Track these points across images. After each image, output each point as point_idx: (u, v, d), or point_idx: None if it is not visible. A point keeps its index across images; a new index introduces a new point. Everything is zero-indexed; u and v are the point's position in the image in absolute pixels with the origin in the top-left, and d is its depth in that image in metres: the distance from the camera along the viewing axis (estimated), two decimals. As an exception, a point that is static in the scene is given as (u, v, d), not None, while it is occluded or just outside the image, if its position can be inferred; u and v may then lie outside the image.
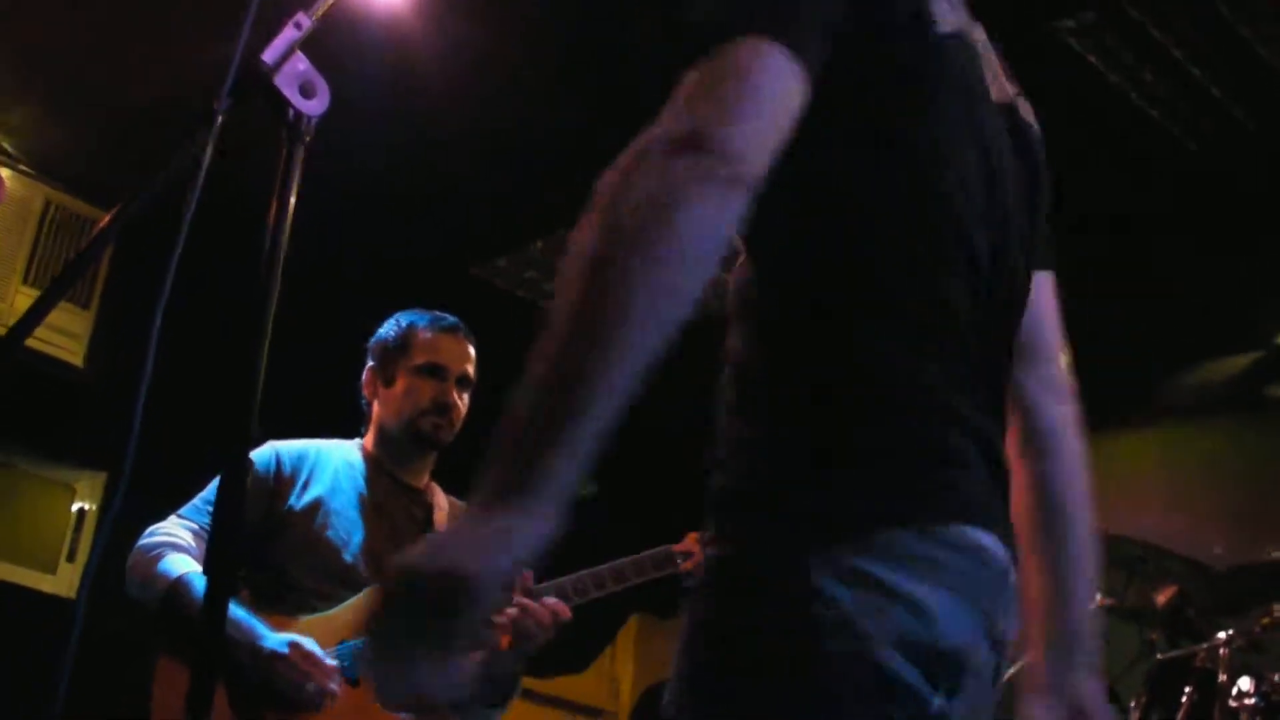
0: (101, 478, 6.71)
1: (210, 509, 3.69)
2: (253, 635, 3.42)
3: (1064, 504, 1.90)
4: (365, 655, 1.82)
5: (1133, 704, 4.77)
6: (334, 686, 3.45)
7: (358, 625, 3.57)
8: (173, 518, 3.70)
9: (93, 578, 1.71)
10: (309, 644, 3.46)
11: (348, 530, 3.68)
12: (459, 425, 3.80)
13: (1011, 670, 1.78)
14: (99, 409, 5.94)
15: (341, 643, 3.56)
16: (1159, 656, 4.82)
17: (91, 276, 6.32)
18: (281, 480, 3.73)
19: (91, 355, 6.32)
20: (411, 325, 3.85)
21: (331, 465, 3.80)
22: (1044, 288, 1.97)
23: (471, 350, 3.85)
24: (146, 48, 5.27)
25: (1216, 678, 4.44)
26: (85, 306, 6.32)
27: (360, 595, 3.62)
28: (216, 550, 1.77)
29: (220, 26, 2.22)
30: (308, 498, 3.71)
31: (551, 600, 3.58)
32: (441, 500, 3.87)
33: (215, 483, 3.65)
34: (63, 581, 6.45)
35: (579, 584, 3.68)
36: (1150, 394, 6.65)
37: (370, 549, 3.67)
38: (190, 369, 4.39)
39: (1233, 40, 4.78)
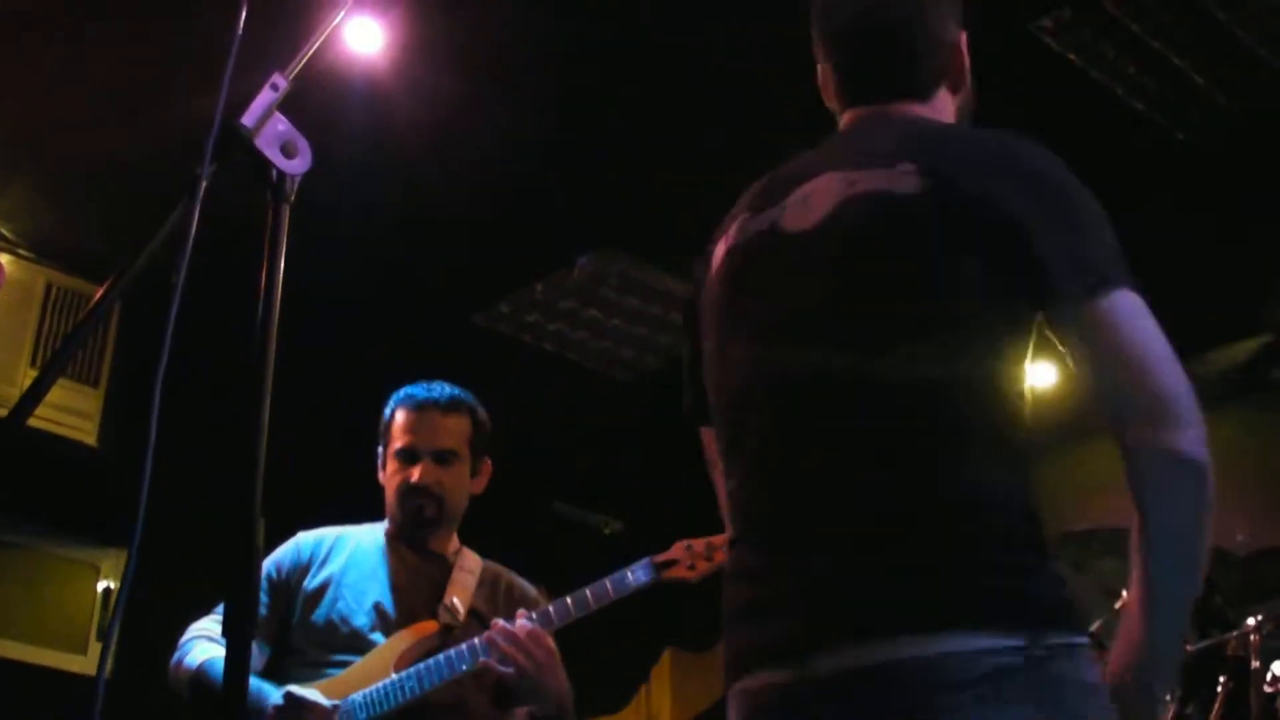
0: (125, 555, 6.71)
1: None
2: (260, 699, 3.52)
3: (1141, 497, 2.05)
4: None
5: (1168, 697, 4.75)
6: None
7: (365, 679, 3.63)
8: (207, 617, 3.84)
9: (114, 654, 1.72)
10: (306, 692, 3.54)
11: (358, 600, 3.77)
12: (454, 497, 3.86)
13: None
14: (116, 486, 5.95)
15: (346, 698, 3.61)
16: (1189, 648, 4.79)
17: (98, 354, 6.35)
18: (296, 569, 3.86)
19: (104, 433, 6.33)
20: (394, 407, 3.92)
21: (350, 546, 3.91)
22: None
23: (457, 421, 3.88)
24: (132, 121, 5.29)
25: (1249, 664, 4.42)
26: (94, 385, 6.33)
27: (367, 655, 3.68)
28: (232, 632, 1.79)
29: (205, 92, 2.23)
30: (321, 578, 3.83)
31: (527, 625, 3.57)
32: (469, 563, 3.91)
33: (265, 575, 3.83)
34: (93, 661, 6.47)
35: (560, 608, 3.67)
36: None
37: (380, 611, 3.74)
38: (204, 439, 4.41)
39: (1210, 25, 4.80)
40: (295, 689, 3.54)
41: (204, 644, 3.72)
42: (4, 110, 5.36)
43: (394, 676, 3.60)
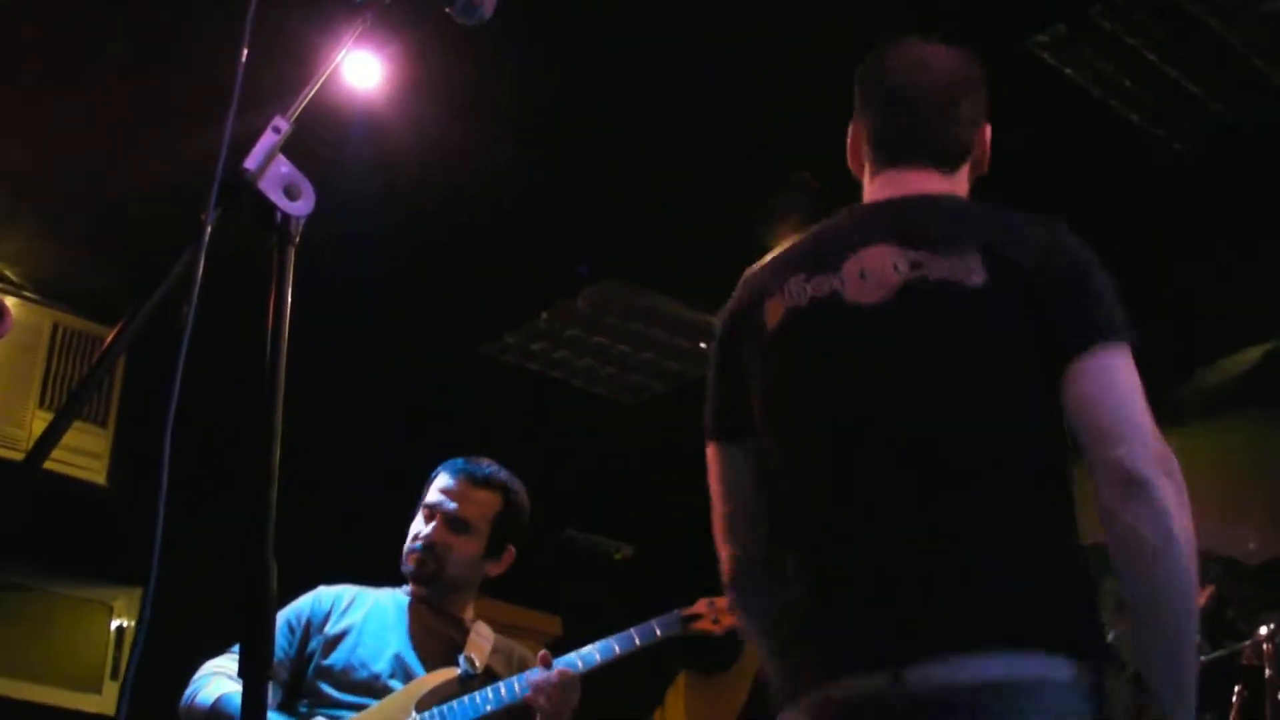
0: (138, 593, 6.73)
1: None
2: None
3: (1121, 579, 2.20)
4: None
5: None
6: None
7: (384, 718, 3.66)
8: (222, 657, 3.89)
9: (132, 694, 1.73)
10: None
11: (378, 648, 3.81)
12: (453, 563, 3.88)
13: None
14: (127, 525, 5.96)
15: None
16: (1203, 659, 4.79)
17: (106, 394, 6.36)
18: (317, 617, 3.91)
19: (113, 472, 6.35)
20: (440, 468, 3.99)
21: (369, 603, 3.95)
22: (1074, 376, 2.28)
23: (482, 494, 3.92)
24: (135, 162, 5.32)
25: (1263, 674, 4.42)
26: (103, 425, 6.35)
27: (386, 699, 3.71)
28: (248, 671, 1.80)
29: (206, 132, 2.25)
30: (341, 625, 3.87)
31: (556, 672, 3.65)
32: (485, 632, 3.95)
33: (285, 621, 3.87)
34: (108, 700, 6.48)
35: (586, 655, 3.74)
36: (1165, 398, 6.64)
37: (399, 657, 3.79)
38: (220, 476, 4.43)
39: (1204, 36, 4.80)
40: None
41: (218, 680, 3.74)
42: (8, 153, 5.39)
43: (415, 716, 3.63)
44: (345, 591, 3.98)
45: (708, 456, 2.56)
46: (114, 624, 6.69)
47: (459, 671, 3.76)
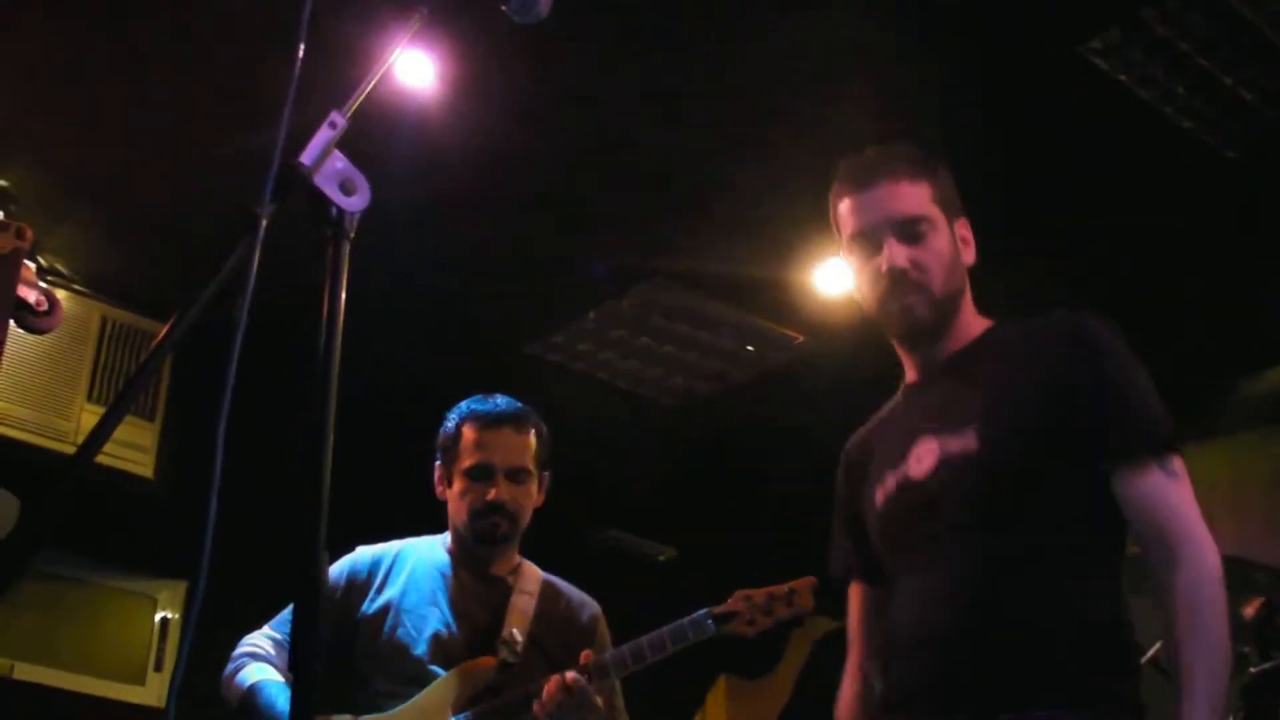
0: (182, 586, 6.77)
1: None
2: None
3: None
4: None
5: (1230, 718, 4.71)
6: None
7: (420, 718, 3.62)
8: (263, 629, 3.87)
9: (180, 687, 1.73)
10: None
11: (418, 628, 3.75)
12: (525, 514, 3.83)
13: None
14: (172, 519, 5.99)
15: None
16: (1252, 670, 4.75)
17: (154, 388, 6.39)
18: (354, 589, 3.86)
19: (160, 466, 6.38)
20: (460, 424, 3.87)
21: (410, 564, 3.88)
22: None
23: (526, 437, 3.84)
24: (186, 157, 5.34)
25: (1312, 685, 4.39)
26: (150, 418, 6.38)
27: (422, 692, 3.66)
28: (299, 664, 1.79)
29: (259, 128, 2.25)
30: (380, 602, 3.82)
31: (566, 677, 3.54)
32: (529, 583, 3.88)
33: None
34: (151, 692, 6.50)
35: (618, 659, 3.63)
36: (1213, 407, 6.60)
37: (439, 641, 3.72)
38: (262, 470, 4.44)
39: (1258, 43, 4.77)
40: None
41: (256, 665, 3.73)
42: (60, 147, 5.42)
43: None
44: (384, 556, 3.93)
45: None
46: (158, 616, 6.73)
47: (496, 660, 3.68)
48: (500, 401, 3.88)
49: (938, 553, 2.74)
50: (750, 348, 6.82)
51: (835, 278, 6.05)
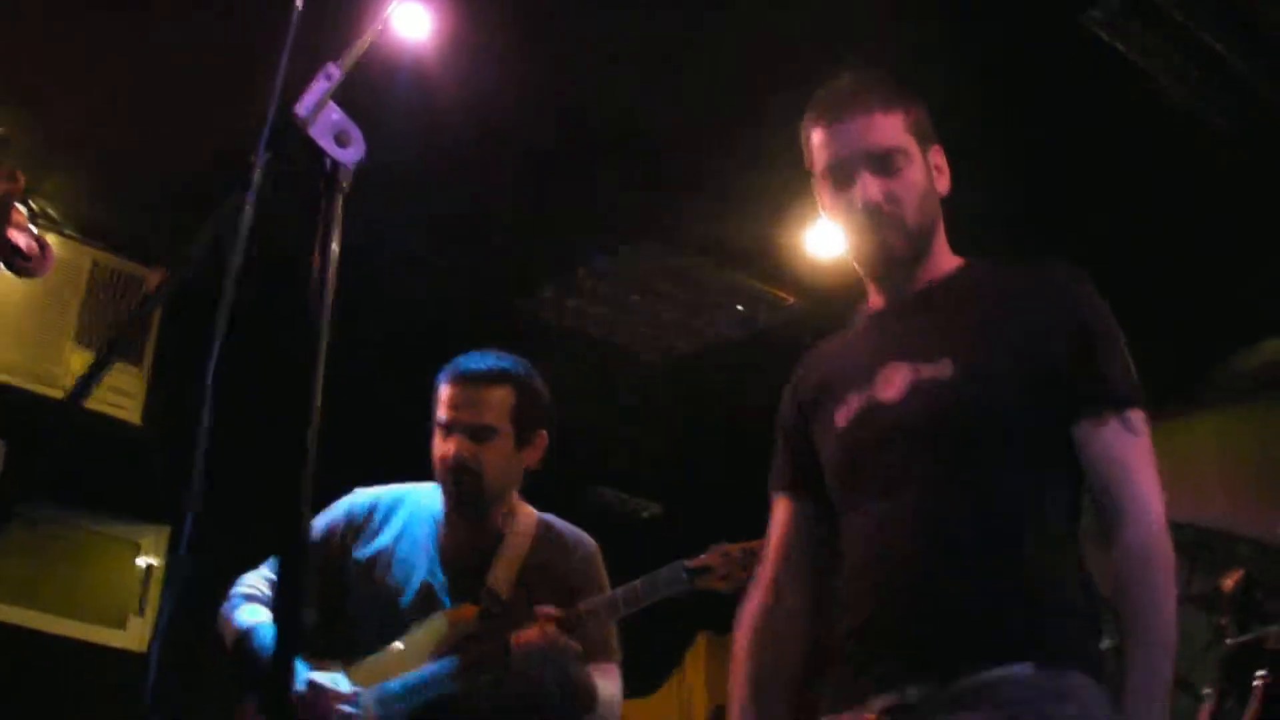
0: (166, 532, 6.78)
1: None
2: (265, 663, 3.47)
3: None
4: None
5: (1207, 691, 4.74)
6: (351, 711, 3.52)
7: (396, 667, 3.62)
8: (259, 569, 3.87)
9: (165, 633, 1.73)
10: (326, 679, 3.55)
11: (406, 576, 3.73)
12: (493, 472, 3.72)
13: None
14: (158, 465, 5.99)
15: (380, 684, 3.60)
16: (1229, 642, 4.78)
17: (142, 334, 6.37)
18: (350, 530, 3.84)
19: (147, 412, 6.37)
20: (440, 378, 3.80)
21: (406, 511, 3.86)
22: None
23: (495, 393, 3.73)
24: (179, 104, 5.32)
25: (1289, 659, 4.41)
26: (138, 364, 6.37)
27: (403, 639, 3.66)
28: (283, 606, 1.80)
29: (253, 80, 2.24)
30: (373, 548, 3.80)
31: (537, 629, 3.48)
32: (523, 526, 3.82)
33: (318, 533, 3.80)
34: (133, 636, 6.51)
35: (591, 610, 3.54)
36: (1201, 380, 6.62)
37: (426, 590, 3.71)
38: (250, 418, 4.44)
39: (1255, 16, 4.77)
40: (317, 677, 3.54)
41: (251, 605, 3.73)
42: (52, 95, 5.39)
43: (412, 673, 3.58)
44: (381, 500, 3.89)
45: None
46: (141, 561, 6.73)
47: (477, 609, 3.64)
48: (482, 358, 3.78)
49: (904, 479, 2.67)
50: (740, 308, 6.82)
51: (826, 240, 6.05)
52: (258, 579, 3.84)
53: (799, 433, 2.99)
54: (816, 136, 2.86)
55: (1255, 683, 4.53)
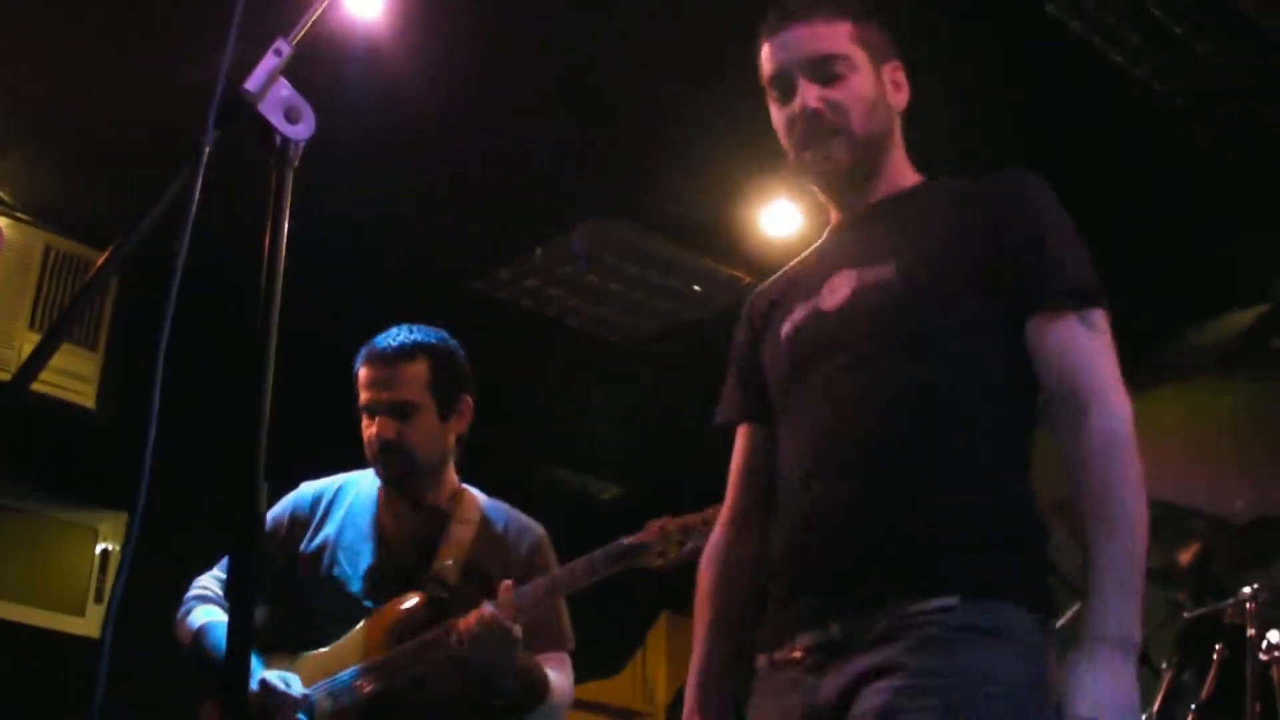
0: (124, 518, 6.74)
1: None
2: (217, 662, 3.53)
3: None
4: None
5: (1164, 664, 4.77)
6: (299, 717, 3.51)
7: (342, 661, 3.60)
8: (212, 570, 3.89)
9: (117, 617, 1.72)
10: (278, 679, 3.52)
11: (353, 563, 3.73)
12: (421, 447, 3.70)
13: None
14: (115, 450, 5.96)
15: (328, 678, 3.60)
16: (1186, 615, 4.81)
17: (96, 318, 6.34)
18: (296, 525, 3.84)
19: (103, 396, 6.34)
20: (357, 360, 3.78)
21: (349, 499, 3.86)
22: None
23: (410, 369, 3.70)
24: (132, 85, 5.28)
25: (1245, 632, 4.43)
26: (93, 348, 6.34)
27: (351, 632, 3.65)
28: (234, 599, 1.79)
29: (204, 57, 2.22)
30: (319, 539, 3.80)
31: (474, 614, 3.43)
32: (468, 511, 3.80)
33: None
34: (92, 623, 6.49)
35: (531, 595, 3.48)
36: (1166, 354, 6.65)
37: (374, 576, 3.70)
38: (204, 402, 4.41)
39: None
40: (270, 676, 3.52)
41: (204, 606, 3.74)
42: (3, 75, 5.34)
43: (362, 664, 3.56)
44: (325, 491, 3.89)
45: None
46: (99, 548, 6.69)
47: (425, 597, 3.61)
48: (394, 334, 3.76)
49: (838, 387, 2.56)
50: (697, 288, 6.81)
51: (782, 219, 6.05)
52: (209, 579, 3.85)
53: (749, 359, 2.90)
54: (763, 51, 2.78)
55: (1212, 656, 4.56)
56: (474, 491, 3.88)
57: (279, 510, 3.85)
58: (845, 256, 2.71)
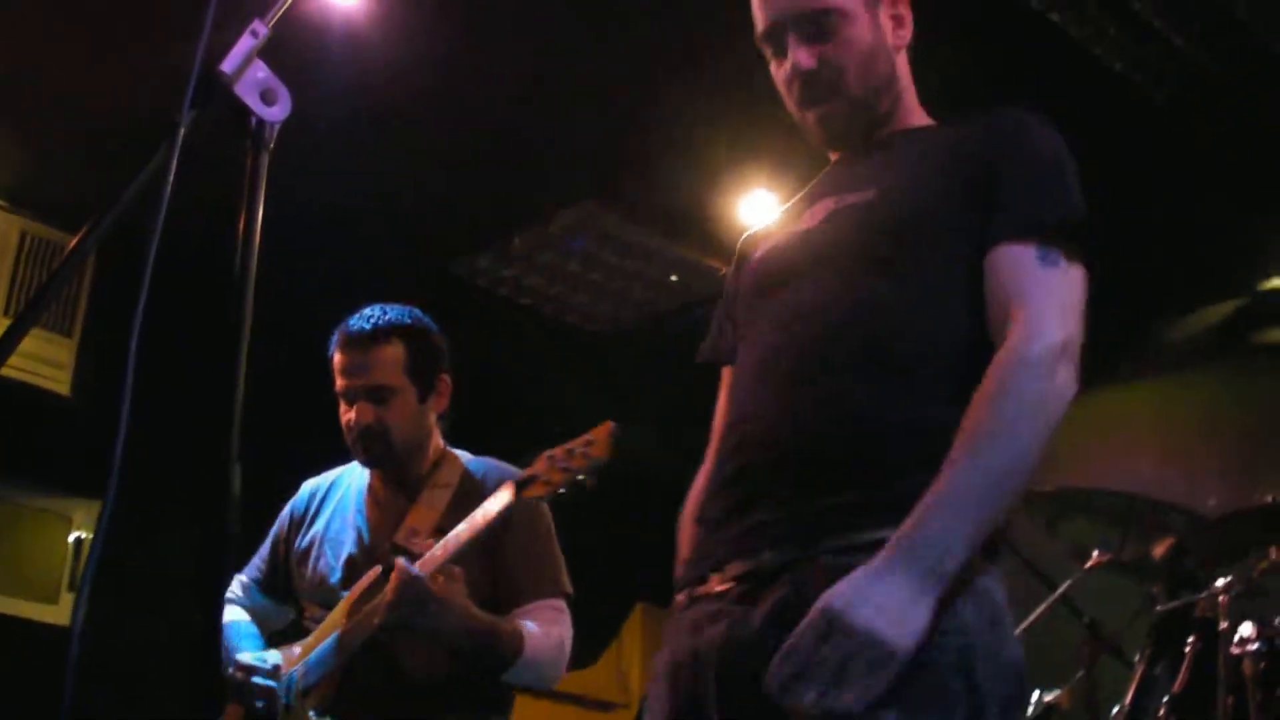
0: (97, 506, 6.71)
1: (260, 561, 3.97)
2: (228, 659, 3.59)
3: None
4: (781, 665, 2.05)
5: (1137, 657, 4.78)
6: (263, 683, 3.54)
7: (320, 640, 3.60)
8: (242, 571, 3.96)
9: (86, 606, 1.71)
10: (252, 658, 3.58)
11: (336, 554, 3.73)
12: (399, 430, 3.63)
13: None
14: (89, 437, 5.93)
15: (309, 657, 3.59)
16: (1159, 609, 4.81)
17: (72, 304, 6.32)
18: (294, 525, 3.88)
19: (78, 383, 6.32)
20: (331, 345, 3.73)
21: (339, 492, 3.88)
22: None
23: (384, 352, 3.63)
24: (108, 68, 5.26)
25: (1218, 626, 4.44)
26: (68, 334, 6.32)
27: (331, 613, 3.65)
28: (204, 579, 1.78)
29: (181, 39, 2.21)
30: (310, 535, 3.82)
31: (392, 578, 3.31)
32: (447, 475, 3.71)
33: (272, 534, 3.89)
34: (64, 611, 6.47)
35: (434, 551, 3.34)
36: (1138, 347, 6.67)
37: (351, 563, 3.68)
38: (180, 388, 4.39)
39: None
40: (244, 657, 3.55)
41: (228, 608, 3.81)
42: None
43: (325, 642, 3.55)
44: (320, 486, 3.91)
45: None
46: (72, 536, 6.68)
47: (379, 569, 3.51)
48: (367, 316, 3.69)
49: (793, 299, 2.44)
50: (674, 278, 6.81)
51: (760, 209, 6.05)
52: (235, 582, 3.91)
53: (733, 298, 2.77)
54: (754, 2, 2.65)
55: (1185, 649, 4.56)
56: (457, 453, 3.80)
57: (283, 513, 3.91)
58: (831, 187, 2.60)
